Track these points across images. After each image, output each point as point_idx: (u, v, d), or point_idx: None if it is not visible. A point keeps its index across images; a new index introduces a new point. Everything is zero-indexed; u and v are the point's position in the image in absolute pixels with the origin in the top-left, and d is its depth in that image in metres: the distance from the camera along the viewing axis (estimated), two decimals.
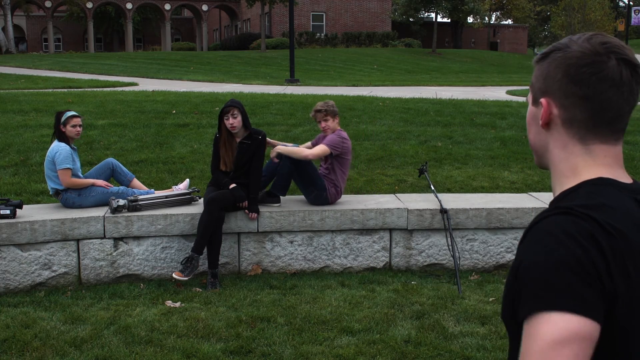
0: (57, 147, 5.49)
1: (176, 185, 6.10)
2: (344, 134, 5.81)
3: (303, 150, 5.65)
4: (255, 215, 5.52)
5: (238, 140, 5.49)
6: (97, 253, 5.40)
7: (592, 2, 46.03)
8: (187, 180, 6.12)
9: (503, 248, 5.85)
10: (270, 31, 47.41)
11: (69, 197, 5.55)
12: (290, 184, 5.77)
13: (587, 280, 0.94)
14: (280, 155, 5.61)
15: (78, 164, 5.68)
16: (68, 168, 5.45)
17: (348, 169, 5.92)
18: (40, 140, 8.14)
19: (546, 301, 0.93)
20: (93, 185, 5.60)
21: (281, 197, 5.81)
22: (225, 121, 5.40)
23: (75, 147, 5.69)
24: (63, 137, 5.56)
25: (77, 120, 5.61)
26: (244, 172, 5.50)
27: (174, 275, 5.22)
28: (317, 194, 5.70)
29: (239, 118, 5.38)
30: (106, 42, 64.03)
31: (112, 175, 5.88)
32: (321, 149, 5.68)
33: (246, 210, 5.51)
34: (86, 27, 52.80)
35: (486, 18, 59.90)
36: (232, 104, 5.40)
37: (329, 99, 13.37)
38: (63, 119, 5.54)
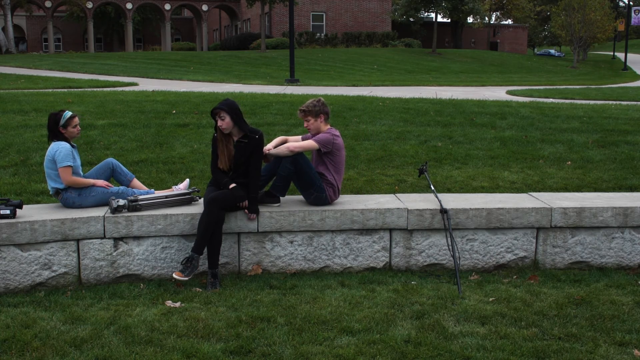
0: (57, 146, 5.48)
1: (176, 185, 6.09)
2: (335, 131, 5.80)
3: (288, 146, 5.61)
4: (254, 215, 5.53)
5: (235, 139, 5.50)
6: (97, 253, 5.40)
7: (592, 2, 45.98)
8: (187, 180, 6.11)
9: (503, 248, 5.85)
10: (270, 31, 47.41)
11: (69, 196, 5.54)
12: (289, 185, 5.77)
13: None
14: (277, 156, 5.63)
15: (78, 162, 5.67)
16: (69, 166, 5.45)
17: (343, 167, 5.91)
18: (40, 140, 8.14)
19: None
20: (94, 185, 5.60)
21: (280, 197, 5.81)
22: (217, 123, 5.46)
23: (75, 145, 5.69)
24: (61, 138, 5.55)
25: (77, 120, 5.61)
26: (243, 172, 5.50)
27: (174, 275, 5.22)
28: (316, 196, 5.70)
29: (227, 119, 5.36)
30: (106, 42, 64.04)
31: (112, 175, 5.87)
32: (308, 143, 5.68)
33: (246, 210, 5.51)
34: (86, 27, 52.81)
35: (486, 18, 59.89)
36: (220, 106, 5.39)
37: (329, 99, 13.40)
38: (62, 121, 5.52)
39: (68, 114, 5.57)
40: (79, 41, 62.97)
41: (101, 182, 5.64)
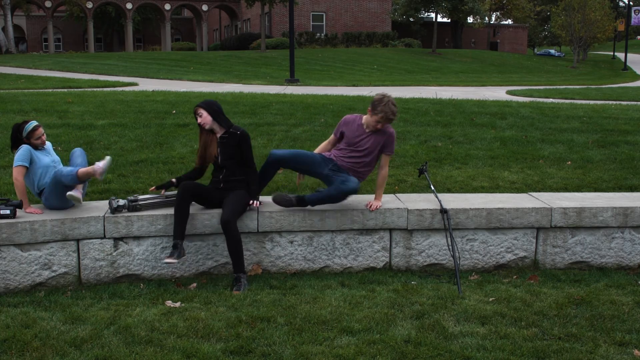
0: (19, 149, 5.43)
1: (97, 162, 5.45)
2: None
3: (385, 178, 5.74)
4: (258, 203, 5.52)
5: (218, 136, 5.59)
6: (97, 253, 5.40)
7: (592, 2, 46.01)
8: (108, 157, 5.53)
9: (503, 248, 5.85)
10: (270, 31, 47.41)
11: (44, 201, 5.49)
12: None
13: None
14: (339, 188, 5.49)
15: (47, 160, 5.49)
16: (19, 165, 5.36)
17: None
18: None
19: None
20: (25, 207, 5.40)
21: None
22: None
23: (44, 148, 5.55)
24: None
25: (40, 131, 5.47)
26: (234, 169, 5.52)
27: (234, 292, 5.13)
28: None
29: (205, 114, 5.50)
30: (106, 42, 64.05)
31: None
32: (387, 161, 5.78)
33: (252, 202, 5.51)
34: (86, 27, 52.82)
35: (486, 18, 59.89)
36: (198, 104, 5.59)
37: (329, 99, 13.40)
38: (25, 133, 5.42)
39: (31, 125, 5.45)
40: (79, 41, 62.97)
41: (31, 210, 5.40)
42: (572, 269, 5.89)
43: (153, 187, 5.78)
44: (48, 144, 5.73)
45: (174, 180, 5.70)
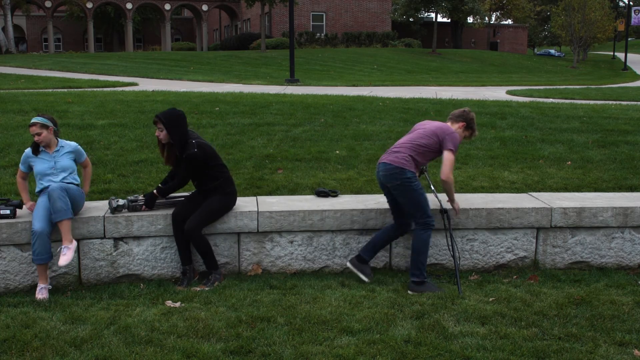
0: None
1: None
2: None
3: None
4: (145, 207, 5.45)
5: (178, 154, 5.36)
6: (97, 253, 5.40)
7: (592, 2, 46.01)
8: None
9: (503, 248, 5.85)
10: (270, 31, 47.41)
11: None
12: None
13: None
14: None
15: (44, 166, 5.25)
16: (19, 169, 5.38)
17: None
18: None
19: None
20: (26, 204, 5.36)
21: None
22: None
23: (48, 151, 5.30)
24: (33, 143, 5.33)
25: (34, 129, 5.20)
26: (201, 181, 5.44)
27: (197, 289, 5.19)
28: None
29: (164, 132, 5.24)
30: (106, 42, 64.06)
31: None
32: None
33: (143, 206, 5.45)
34: (86, 27, 52.83)
35: (486, 18, 59.89)
36: (157, 117, 5.26)
37: (329, 99, 13.41)
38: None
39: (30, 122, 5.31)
40: (79, 41, 62.98)
41: (31, 205, 5.29)
42: (572, 269, 5.89)
43: (145, 207, 5.48)
44: (71, 145, 5.44)
45: (155, 192, 5.46)
